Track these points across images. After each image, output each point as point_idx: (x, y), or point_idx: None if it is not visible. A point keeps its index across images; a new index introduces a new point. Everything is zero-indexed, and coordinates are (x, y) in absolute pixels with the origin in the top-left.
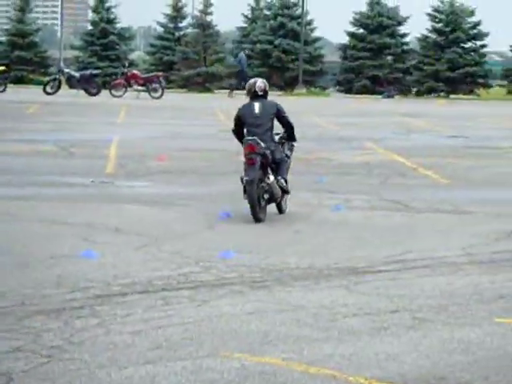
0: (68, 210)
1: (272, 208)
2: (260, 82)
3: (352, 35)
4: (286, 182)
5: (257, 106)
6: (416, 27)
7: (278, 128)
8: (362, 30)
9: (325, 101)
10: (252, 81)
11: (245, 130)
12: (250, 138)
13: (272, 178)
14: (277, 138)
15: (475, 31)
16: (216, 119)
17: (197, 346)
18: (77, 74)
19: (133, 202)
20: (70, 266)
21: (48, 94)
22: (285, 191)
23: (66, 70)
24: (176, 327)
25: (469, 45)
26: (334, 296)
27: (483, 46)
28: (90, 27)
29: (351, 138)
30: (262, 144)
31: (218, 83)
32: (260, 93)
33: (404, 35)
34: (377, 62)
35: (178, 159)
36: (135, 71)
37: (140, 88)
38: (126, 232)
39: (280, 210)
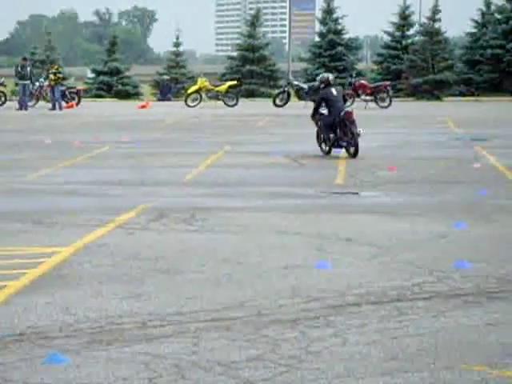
0: (300, 220)
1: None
2: (331, 76)
3: None
4: None
5: (333, 90)
6: None
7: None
8: None
9: None
10: (325, 75)
11: (322, 108)
12: (348, 108)
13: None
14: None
15: None
16: (445, 127)
17: (434, 358)
18: (305, 86)
19: (363, 212)
20: (304, 277)
21: (277, 106)
22: None
23: (295, 83)
24: (411, 338)
25: None
26: None
27: None
28: (317, 39)
29: None
30: None
31: (447, 91)
32: (332, 82)
33: None
34: None
35: (408, 168)
36: (363, 81)
37: (368, 98)
38: (357, 242)
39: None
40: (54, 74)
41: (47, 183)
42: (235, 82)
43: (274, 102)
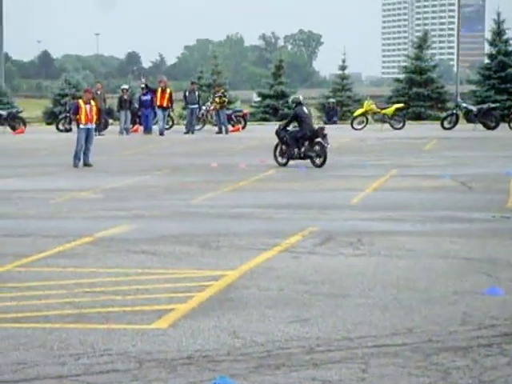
0: (469, 245)
1: None
2: (301, 97)
3: None
4: None
5: (305, 108)
6: None
7: None
8: None
9: None
10: (297, 96)
11: (291, 125)
12: (321, 125)
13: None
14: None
15: None
16: None
17: None
18: (474, 108)
19: None
20: (475, 303)
21: (445, 129)
22: None
23: (464, 105)
24: None
25: None
26: None
27: None
28: (486, 61)
29: None
30: None
31: None
32: (302, 102)
33: None
34: None
35: None
36: None
37: None
38: None
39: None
40: (220, 97)
41: (213, 206)
42: (402, 105)
43: (442, 124)
